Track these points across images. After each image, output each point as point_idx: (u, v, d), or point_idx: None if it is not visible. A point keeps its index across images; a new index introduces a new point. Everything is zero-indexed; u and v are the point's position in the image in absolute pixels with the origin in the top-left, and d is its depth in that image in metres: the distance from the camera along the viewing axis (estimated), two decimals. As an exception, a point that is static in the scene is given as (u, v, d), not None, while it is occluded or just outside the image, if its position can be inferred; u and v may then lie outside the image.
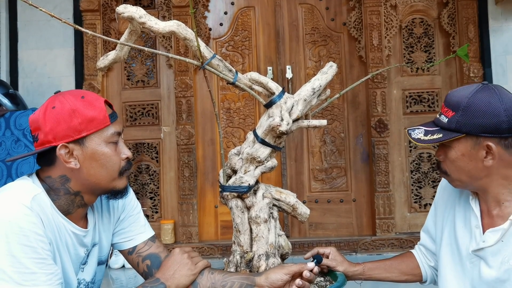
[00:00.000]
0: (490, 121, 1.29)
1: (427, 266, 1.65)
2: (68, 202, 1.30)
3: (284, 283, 1.29)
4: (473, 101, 1.31)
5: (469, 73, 4.28)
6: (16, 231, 1.15)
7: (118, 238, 1.49)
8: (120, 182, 1.34)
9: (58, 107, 1.26)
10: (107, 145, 1.29)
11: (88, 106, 1.27)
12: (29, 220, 1.18)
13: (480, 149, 1.32)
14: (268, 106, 1.48)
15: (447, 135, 1.34)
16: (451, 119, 1.34)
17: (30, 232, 1.17)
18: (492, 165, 1.32)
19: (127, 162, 1.34)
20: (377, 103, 4.32)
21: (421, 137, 1.39)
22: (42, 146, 1.26)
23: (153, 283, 1.33)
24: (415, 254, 1.68)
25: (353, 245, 4.24)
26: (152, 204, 4.50)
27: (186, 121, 4.41)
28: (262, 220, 1.45)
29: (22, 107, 4.08)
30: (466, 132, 1.32)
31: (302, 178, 4.47)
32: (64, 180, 1.29)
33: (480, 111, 1.30)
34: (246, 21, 4.57)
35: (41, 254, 1.18)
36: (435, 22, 4.43)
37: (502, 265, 1.34)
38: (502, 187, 1.36)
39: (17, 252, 1.14)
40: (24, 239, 1.16)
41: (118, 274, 4.08)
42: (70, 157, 1.27)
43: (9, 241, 1.14)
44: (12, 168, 3.74)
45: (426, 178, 4.35)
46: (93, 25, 4.51)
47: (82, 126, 1.25)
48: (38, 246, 1.18)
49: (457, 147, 1.35)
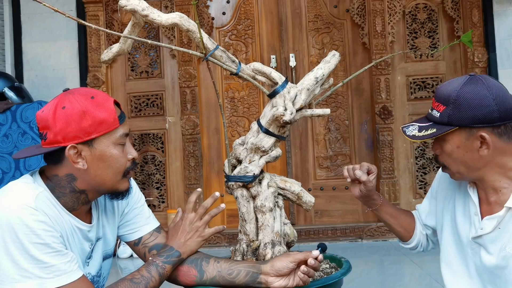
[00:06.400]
0: (481, 111, 1.31)
1: (419, 233, 1.68)
2: (73, 199, 1.33)
3: (290, 271, 1.31)
4: (462, 93, 1.33)
5: (473, 58, 4.26)
6: (26, 232, 1.19)
7: (123, 231, 1.52)
8: (123, 184, 1.36)
9: (68, 107, 1.26)
10: (115, 146, 1.31)
11: (98, 108, 1.27)
12: (36, 219, 1.20)
13: (474, 140, 1.33)
14: (271, 96, 1.49)
15: (440, 129, 1.36)
16: (442, 113, 1.36)
17: (40, 230, 1.20)
18: (488, 154, 1.34)
19: (132, 162, 1.36)
20: (381, 89, 4.31)
21: (416, 134, 1.41)
22: (51, 145, 1.27)
23: (168, 251, 1.39)
24: (415, 216, 1.72)
25: (359, 232, 4.27)
26: (158, 194, 4.53)
27: (190, 111, 4.42)
28: (268, 209, 1.47)
29: (28, 100, 4.10)
30: (459, 124, 1.33)
31: (307, 166, 4.48)
32: (71, 179, 1.31)
33: (470, 103, 1.32)
34: (248, 9, 4.55)
35: (55, 247, 1.22)
36: (438, 7, 4.40)
37: (500, 252, 1.36)
38: (499, 175, 1.37)
39: (33, 251, 1.18)
40: (36, 238, 1.19)
41: (126, 263, 4.12)
42: (78, 157, 1.28)
43: (23, 242, 1.18)
44: (20, 161, 3.78)
45: (431, 164, 4.35)
46: (96, 16, 4.51)
47: (92, 128, 1.26)
48: (50, 241, 1.21)
49: (452, 140, 1.36)
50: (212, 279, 1.36)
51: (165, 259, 1.37)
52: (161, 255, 1.38)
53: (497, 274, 1.37)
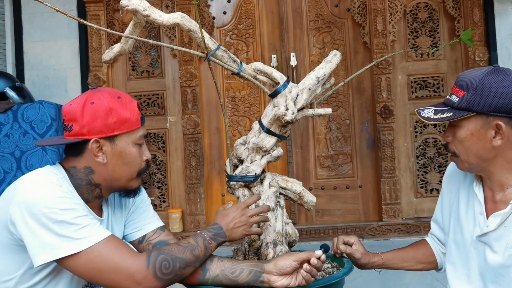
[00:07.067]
0: (502, 100, 1.31)
1: (441, 254, 1.66)
2: (88, 191, 1.39)
3: (293, 270, 1.31)
4: (485, 81, 1.34)
5: (474, 57, 4.26)
6: (54, 200, 1.26)
7: (128, 230, 1.55)
8: (136, 182, 1.44)
9: (97, 103, 1.35)
10: (134, 146, 1.39)
11: (123, 107, 1.37)
12: (62, 190, 1.29)
13: (489, 128, 1.34)
14: (273, 96, 1.49)
15: (457, 113, 1.36)
16: (462, 98, 1.36)
17: (66, 198, 1.28)
18: (500, 145, 1.34)
19: (146, 163, 1.44)
20: (382, 89, 4.31)
21: (431, 116, 1.40)
22: (75, 137, 1.35)
23: (217, 230, 1.41)
24: (429, 242, 1.70)
25: (360, 231, 4.27)
26: (159, 193, 4.53)
27: (191, 110, 4.42)
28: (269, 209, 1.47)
29: (29, 99, 4.10)
30: (477, 110, 1.33)
31: (308, 165, 4.48)
32: (88, 172, 1.38)
33: (492, 90, 1.32)
34: (249, 9, 4.55)
35: (81, 212, 1.29)
36: (439, 6, 4.40)
37: (506, 251, 1.35)
38: (507, 171, 1.37)
39: (64, 217, 1.25)
40: (63, 204, 1.26)
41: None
42: (99, 151, 1.36)
43: (53, 211, 1.24)
44: (22, 161, 3.78)
45: (432, 163, 4.35)
46: (97, 16, 4.51)
47: (116, 125, 1.36)
48: (77, 207, 1.29)
49: (467, 126, 1.36)
50: (215, 277, 1.36)
51: (213, 236, 1.39)
52: (209, 230, 1.40)
53: (501, 273, 1.37)
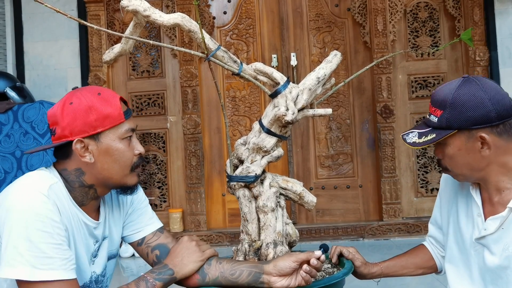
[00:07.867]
0: (478, 112, 1.31)
1: (440, 257, 1.66)
2: (82, 194, 1.35)
3: (292, 271, 1.31)
4: (458, 96, 1.33)
5: (474, 57, 4.26)
6: (33, 217, 1.20)
7: (127, 231, 1.53)
8: (131, 178, 1.38)
9: (76, 103, 1.31)
10: (121, 141, 1.34)
11: (104, 103, 1.32)
12: (46, 207, 1.22)
13: (475, 141, 1.33)
14: (273, 96, 1.49)
15: (440, 134, 1.36)
16: (440, 117, 1.36)
17: (47, 218, 1.21)
18: (490, 154, 1.34)
19: (139, 157, 1.39)
20: (383, 88, 4.31)
21: (416, 140, 1.41)
22: (59, 140, 1.32)
23: (161, 269, 1.36)
24: (427, 246, 1.70)
25: (360, 231, 4.27)
26: (160, 193, 4.53)
27: (192, 110, 4.43)
28: (269, 209, 1.47)
29: (29, 99, 4.10)
30: (458, 127, 1.33)
31: (309, 165, 4.48)
32: (79, 173, 1.34)
33: (467, 105, 1.32)
34: (250, 8, 4.55)
35: (57, 239, 1.22)
36: (440, 6, 4.40)
37: (503, 252, 1.36)
38: (502, 174, 1.37)
39: (35, 237, 1.19)
40: (41, 224, 1.20)
41: (128, 262, 4.13)
42: (85, 151, 1.31)
43: (27, 226, 1.19)
44: (22, 161, 3.78)
45: (433, 163, 4.35)
46: (97, 16, 4.51)
47: (98, 123, 1.31)
48: (54, 232, 1.22)
49: (453, 143, 1.36)
50: (215, 280, 1.36)
51: (157, 276, 1.34)
52: (153, 272, 1.35)
53: (499, 275, 1.37)
